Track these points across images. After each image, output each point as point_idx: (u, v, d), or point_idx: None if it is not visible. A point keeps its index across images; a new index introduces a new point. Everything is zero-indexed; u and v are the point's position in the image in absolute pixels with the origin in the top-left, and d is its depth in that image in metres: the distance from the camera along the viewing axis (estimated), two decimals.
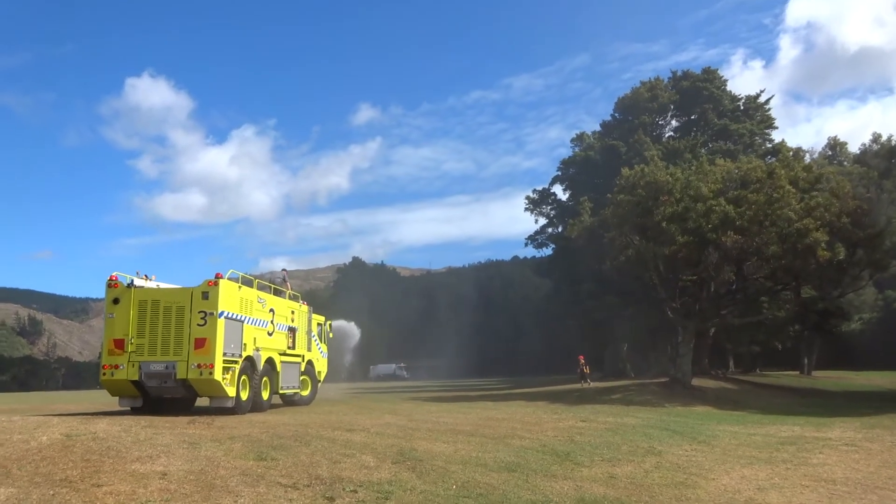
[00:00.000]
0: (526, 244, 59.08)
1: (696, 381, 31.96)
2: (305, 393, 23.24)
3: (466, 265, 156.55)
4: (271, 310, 19.83)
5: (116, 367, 16.30)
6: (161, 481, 8.24)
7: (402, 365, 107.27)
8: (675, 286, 29.29)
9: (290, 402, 22.66)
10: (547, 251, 59.16)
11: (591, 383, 34.08)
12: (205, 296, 16.43)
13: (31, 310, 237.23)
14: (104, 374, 16.43)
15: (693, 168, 29.23)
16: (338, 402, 25.40)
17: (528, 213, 55.36)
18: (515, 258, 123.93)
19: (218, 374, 16.14)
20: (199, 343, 16.17)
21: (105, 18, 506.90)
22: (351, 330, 49.54)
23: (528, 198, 55.38)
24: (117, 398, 17.32)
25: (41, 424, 11.55)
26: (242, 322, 17.61)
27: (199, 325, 16.25)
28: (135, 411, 16.91)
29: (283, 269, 23.64)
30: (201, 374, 16.03)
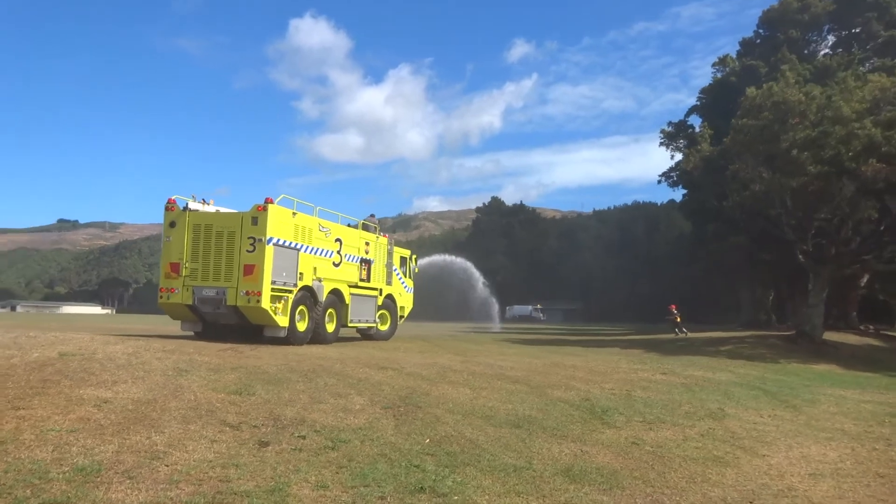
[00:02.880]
0: (659, 182, 54.81)
1: (833, 336, 27.94)
2: (384, 327, 22.64)
3: (611, 207, 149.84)
4: (338, 240, 19.13)
5: (172, 290, 16.37)
6: (91, 409, 7.66)
7: (538, 307, 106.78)
8: (807, 226, 25.21)
9: (367, 336, 22.23)
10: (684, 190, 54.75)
11: (686, 333, 31.04)
12: (254, 221, 15.96)
13: None
14: (161, 297, 16.59)
15: (837, 86, 24.53)
16: (419, 339, 24.67)
17: (664, 148, 51.08)
18: (672, 201, 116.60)
19: (265, 303, 15.73)
20: (248, 270, 15.81)
21: None
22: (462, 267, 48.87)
23: (662, 131, 50.88)
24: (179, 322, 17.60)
25: (53, 342, 11.59)
26: (298, 250, 17.03)
27: (248, 251, 15.87)
28: (197, 336, 17.07)
29: (372, 215, 23.02)
30: (249, 301, 15.72)
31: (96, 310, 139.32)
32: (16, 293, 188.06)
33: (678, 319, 32.27)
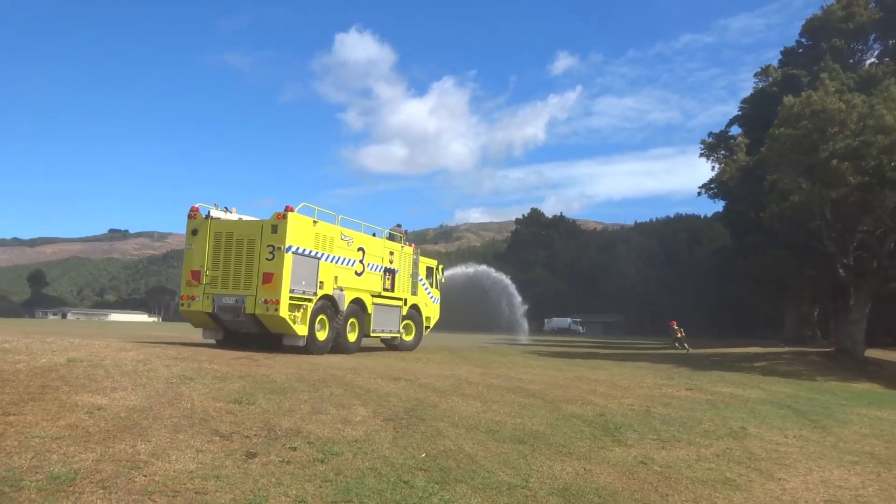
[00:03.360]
0: (699, 193, 53.72)
1: (876, 353, 26.75)
2: (409, 338, 22.50)
3: (653, 219, 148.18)
4: (360, 249, 19.07)
5: (192, 298, 16.51)
6: (83, 415, 7.64)
7: (577, 319, 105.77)
8: (848, 238, 24.21)
9: (391, 346, 22.11)
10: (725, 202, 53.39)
11: (690, 349, 30.59)
12: (273, 229, 16.00)
13: None
14: (182, 304, 16.76)
15: (880, 94, 23.53)
16: (445, 349, 24.42)
17: (704, 159, 50.02)
18: (717, 213, 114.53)
19: (283, 311, 15.72)
20: (267, 278, 15.84)
21: None
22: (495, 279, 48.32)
23: (703, 142, 49.89)
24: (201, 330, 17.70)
25: (66, 348, 11.71)
26: (318, 259, 17.00)
27: (267, 259, 15.91)
28: (218, 344, 17.13)
29: (398, 225, 22.97)
30: (267, 309, 15.73)
31: (143, 317, 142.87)
32: (67, 301, 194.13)
33: (679, 335, 32.06)
